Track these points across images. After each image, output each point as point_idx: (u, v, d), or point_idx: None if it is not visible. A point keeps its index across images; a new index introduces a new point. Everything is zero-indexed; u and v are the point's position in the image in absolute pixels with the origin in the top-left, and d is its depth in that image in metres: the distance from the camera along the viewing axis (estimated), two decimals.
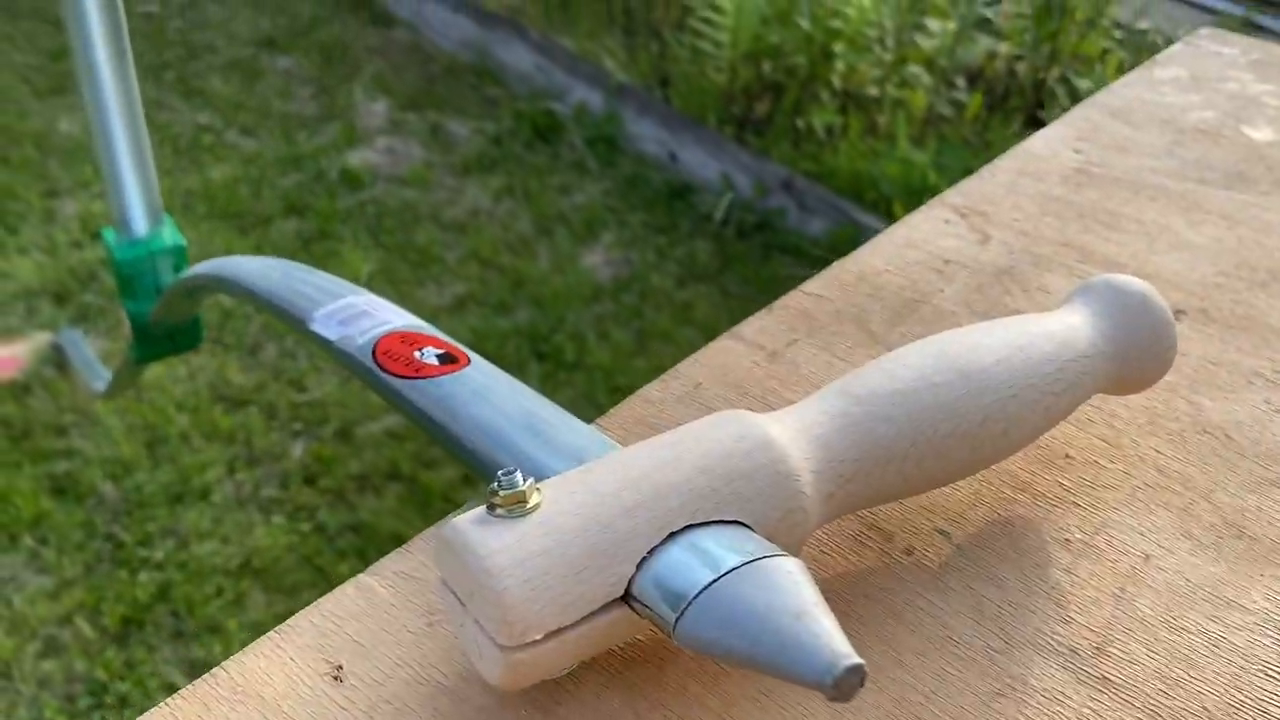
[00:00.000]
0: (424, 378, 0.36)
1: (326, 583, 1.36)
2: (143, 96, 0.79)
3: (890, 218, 2.01)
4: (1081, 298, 0.35)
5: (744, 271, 1.95)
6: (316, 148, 2.15)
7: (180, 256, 0.82)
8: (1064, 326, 0.33)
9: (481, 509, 0.26)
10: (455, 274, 1.89)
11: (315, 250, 1.90)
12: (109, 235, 0.83)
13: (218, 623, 1.30)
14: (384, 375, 0.37)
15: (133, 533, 1.39)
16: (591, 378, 1.70)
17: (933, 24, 2.17)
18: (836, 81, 2.15)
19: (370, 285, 1.83)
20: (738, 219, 2.05)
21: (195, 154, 2.10)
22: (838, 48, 2.09)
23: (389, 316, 0.41)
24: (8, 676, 1.24)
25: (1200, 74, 0.63)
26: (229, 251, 1.86)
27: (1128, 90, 0.60)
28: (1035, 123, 2.26)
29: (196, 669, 1.25)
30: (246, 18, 2.56)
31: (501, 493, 0.25)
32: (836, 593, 0.30)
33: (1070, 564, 0.32)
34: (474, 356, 0.38)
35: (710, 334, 1.86)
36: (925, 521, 0.33)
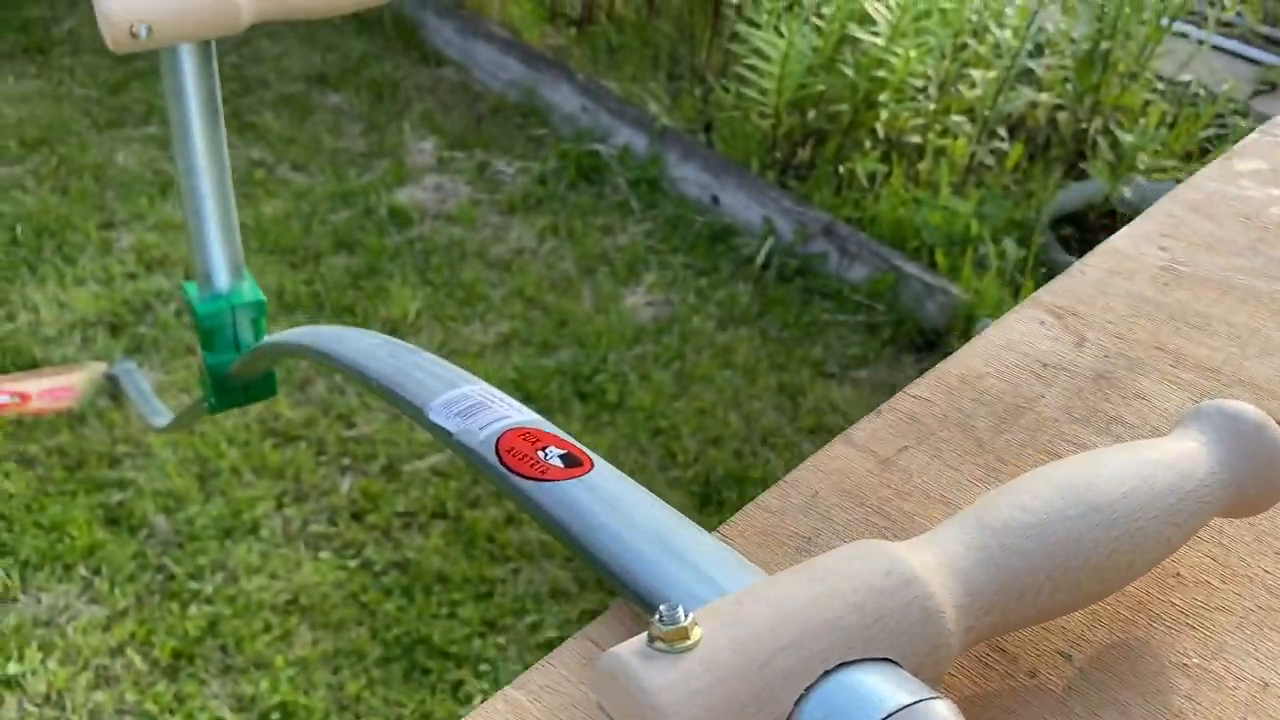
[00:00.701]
0: (550, 480, 0.38)
1: (373, 620, 1.38)
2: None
3: (932, 266, 2.02)
4: (1196, 424, 0.36)
5: (784, 316, 1.96)
6: (366, 184, 2.19)
7: (260, 312, 0.85)
8: (1181, 455, 0.34)
9: (641, 639, 0.27)
10: (500, 312, 1.91)
11: (364, 286, 1.93)
12: (190, 289, 0.85)
13: (266, 659, 1.31)
14: (510, 475, 0.38)
15: (184, 565, 1.41)
16: (633, 419, 1.71)
17: (975, 74, 2.19)
18: (879, 129, 2.17)
19: (417, 322, 1.85)
20: (779, 263, 2.06)
21: (247, 188, 2.14)
22: (882, 96, 2.11)
23: (507, 410, 0.42)
24: (60, 707, 1.25)
25: (1279, 165, 0.64)
26: (281, 286, 1.90)
27: (1207, 184, 0.61)
28: (1077, 173, 2.27)
29: (245, 705, 1.26)
30: (299, 54, 2.62)
31: (664, 627, 0.26)
32: (967, 717, 0.31)
33: (1190, 690, 0.33)
34: (595, 459, 0.39)
35: (750, 377, 1.84)
36: (1047, 643, 0.34)
